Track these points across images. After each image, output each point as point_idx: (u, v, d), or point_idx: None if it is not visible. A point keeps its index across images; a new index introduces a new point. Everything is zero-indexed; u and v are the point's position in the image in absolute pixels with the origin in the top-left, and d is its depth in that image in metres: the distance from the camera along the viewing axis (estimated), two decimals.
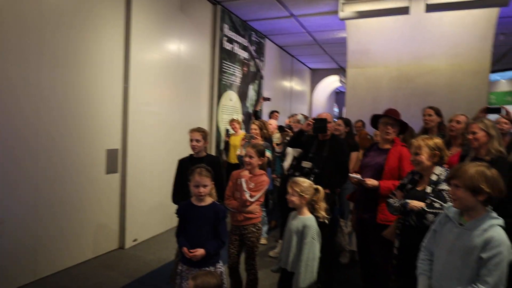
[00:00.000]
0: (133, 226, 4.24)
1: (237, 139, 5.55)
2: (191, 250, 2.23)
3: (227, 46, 6.29)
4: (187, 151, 3.08)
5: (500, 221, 1.62)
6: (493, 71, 11.28)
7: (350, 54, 6.17)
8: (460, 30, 5.45)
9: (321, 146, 3.33)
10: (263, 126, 4.32)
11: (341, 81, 11.26)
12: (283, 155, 4.35)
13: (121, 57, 4.00)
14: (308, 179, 3.28)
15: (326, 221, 2.38)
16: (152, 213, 4.57)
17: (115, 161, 4.00)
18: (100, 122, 3.80)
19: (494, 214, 1.64)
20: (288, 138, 4.25)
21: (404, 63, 5.81)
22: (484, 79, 5.48)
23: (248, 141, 3.80)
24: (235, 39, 6.58)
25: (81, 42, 3.53)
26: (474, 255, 1.58)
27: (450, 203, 1.83)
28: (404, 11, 4.94)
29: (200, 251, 2.23)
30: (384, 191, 2.72)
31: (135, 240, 4.27)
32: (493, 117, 3.53)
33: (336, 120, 4.03)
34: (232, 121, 5.78)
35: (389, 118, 2.88)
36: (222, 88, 6.21)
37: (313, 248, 2.26)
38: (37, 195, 3.23)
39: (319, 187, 2.42)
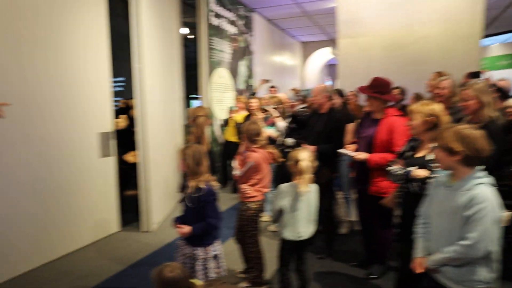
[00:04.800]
0: (154, 209, 4.22)
1: (238, 118, 5.44)
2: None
3: (215, 21, 6.14)
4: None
5: (485, 179, 1.64)
6: (485, 36, 11.21)
7: (340, 24, 6.05)
8: None
9: (318, 120, 3.34)
10: (281, 102, 4.32)
11: (333, 53, 11.13)
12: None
13: (104, 34, 3.87)
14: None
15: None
16: (165, 194, 4.57)
17: (108, 144, 3.94)
18: (89, 105, 3.71)
19: (480, 174, 1.65)
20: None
21: (395, 30, 5.72)
22: (475, 44, 5.43)
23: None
24: (222, 14, 6.42)
25: (62, 22, 3.40)
26: (459, 214, 1.62)
27: None
28: None
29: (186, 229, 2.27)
30: (373, 164, 2.74)
31: (154, 223, 4.26)
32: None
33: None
34: (238, 99, 5.70)
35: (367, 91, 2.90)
36: (212, 66, 6.10)
37: None
38: (34, 182, 3.19)
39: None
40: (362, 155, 2.81)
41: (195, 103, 10.14)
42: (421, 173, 2.10)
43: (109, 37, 3.91)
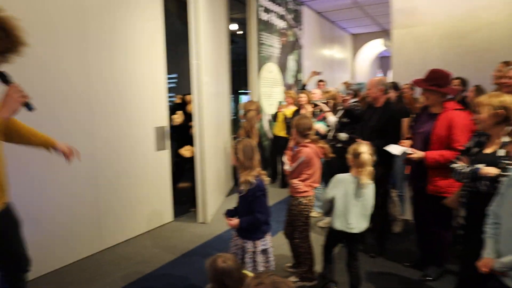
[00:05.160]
0: (209, 201, 4.33)
1: (287, 112, 5.41)
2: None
3: (264, 16, 6.14)
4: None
5: None
6: None
7: (394, 14, 5.78)
8: None
9: (373, 114, 3.23)
10: (335, 97, 4.27)
11: (385, 45, 10.70)
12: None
13: (161, 34, 4.03)
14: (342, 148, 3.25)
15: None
16: (216, 187, 4.72)
17: (163, 138, 4.12)
18: (146, 101, 3.89)
19: None
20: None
21: (456, 18, 5.34)
22: None
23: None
24: (272, 8, 6.41)
25: (122, 23, 3.60)
26: None
27: None
28: None
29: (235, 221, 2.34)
30: (430, 162, 2.59)
31: (209, 215, 4.38)
32: None
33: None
34: (287, 93, 5.69)
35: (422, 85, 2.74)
36: (261, 61, 6.12)
37: None
38: (96, 173, 3.43)
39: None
40: (418, 153, 2.68)
41: (244, 99, 10.27)
42: (491, 170, 1.94)
43: (165, 35, 4.06)
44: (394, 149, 2.83)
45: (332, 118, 3.80)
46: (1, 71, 1.77)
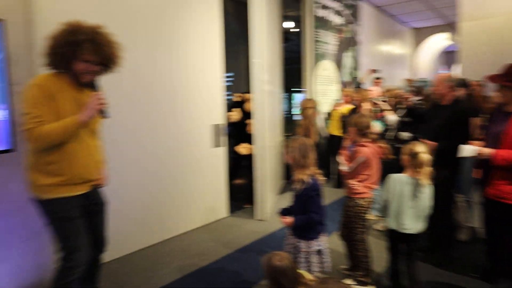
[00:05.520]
0: (267, 198, 4.38)
1: (343, 110, 5.27)
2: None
3: (320, 13, 6.03)
4: None
5: None
6: None
7: (463, 5, 5.39)
8: None
9: (439, 113, 3.04)
10: (397, 95, 4.10)
11: (452, 39, 10.01)
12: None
13: (218, 34, 4.12)
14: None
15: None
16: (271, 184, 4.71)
17: (219, 136, 4.22)
18: (204, 99, 4.01)
19: None
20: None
21: None
22: None
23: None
24: (328, 4, 6.27)
25: (182, 23, 3.73)
26: None
27: None
28: None
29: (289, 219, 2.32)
30: (499, 161, 2.38)
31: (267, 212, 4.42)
32: None
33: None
34: (344, 91, 5.55)
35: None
36: (316, 58, 6.03)
37: None
38: (158, 168, 3.60)
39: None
40: (486, 151, 2.47)
41: (297, 97, 10.21)
42: None
43: (223, 35, 4.15)
44: (466, 151, 2.62)
45: (393, 117, 3.62)
46: (92, 80, 1.99)
